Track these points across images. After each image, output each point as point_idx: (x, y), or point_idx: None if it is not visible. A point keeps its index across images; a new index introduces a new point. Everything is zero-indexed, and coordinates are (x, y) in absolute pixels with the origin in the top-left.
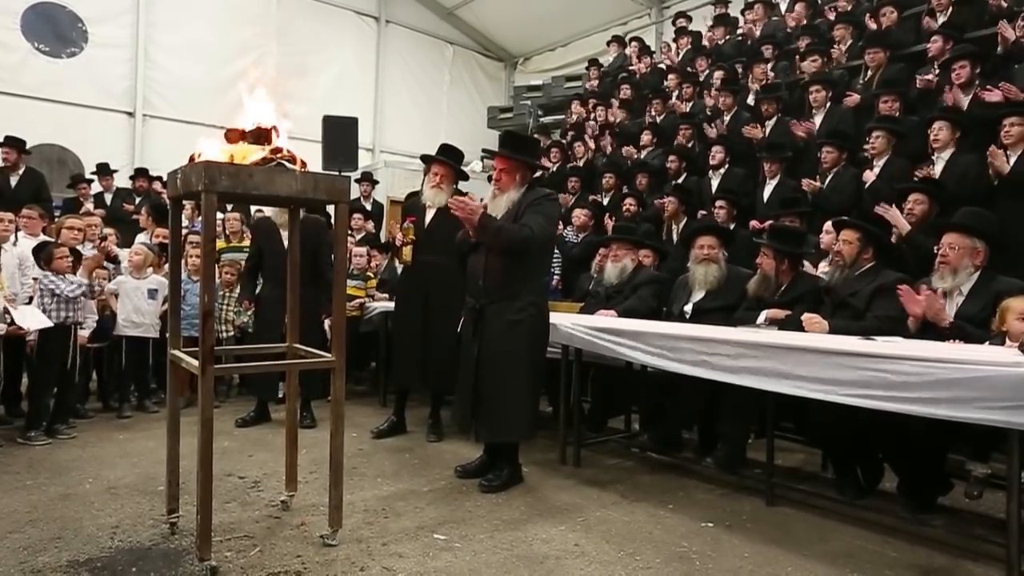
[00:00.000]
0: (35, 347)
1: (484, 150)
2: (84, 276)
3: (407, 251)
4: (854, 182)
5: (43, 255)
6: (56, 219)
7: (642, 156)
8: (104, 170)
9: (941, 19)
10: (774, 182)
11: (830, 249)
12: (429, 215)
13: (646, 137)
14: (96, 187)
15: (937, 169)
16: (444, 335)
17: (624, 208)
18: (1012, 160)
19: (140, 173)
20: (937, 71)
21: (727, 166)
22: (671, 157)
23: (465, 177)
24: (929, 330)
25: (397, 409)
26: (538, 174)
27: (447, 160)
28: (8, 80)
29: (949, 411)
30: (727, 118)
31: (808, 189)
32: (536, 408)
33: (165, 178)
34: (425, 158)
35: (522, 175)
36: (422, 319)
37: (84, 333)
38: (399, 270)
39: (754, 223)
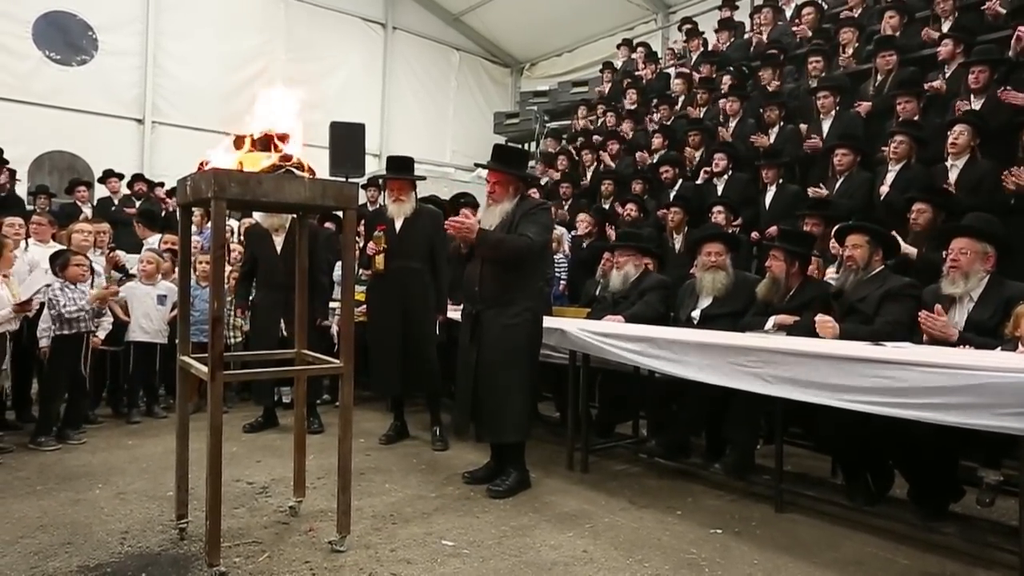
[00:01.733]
0: (47, 353)
1: (477, 164)
2: (92, 301)
3: (380, 260)
4: (866, 186)
5: (59, 261)
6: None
7: (655, 160)
8: (110, 175)
9: (946, 25)
10: (774, 188)
11: (840, 255)
12: (398, 223)
13: (657, 141)
14: (102, 192)
15: (952, 176)
16: (424, 337)
17: (626, 213)
18: None
19: (137, 178)
20: (947, 75)
21: (730, 172)
22: (664, 167)
23: (420, 179)
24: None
25: (397, 414)
26: (536, 194)
27: (401, 175)
28: (19, 88)
29: (959, 418)
30: (732, 124)
31: (815, 196)
32: (533, 408)
33: (174, 184)
34: (376, 179)
35: (515, 187)
36: (401, 324)
37: (100, 335)
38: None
39: (755, 234)
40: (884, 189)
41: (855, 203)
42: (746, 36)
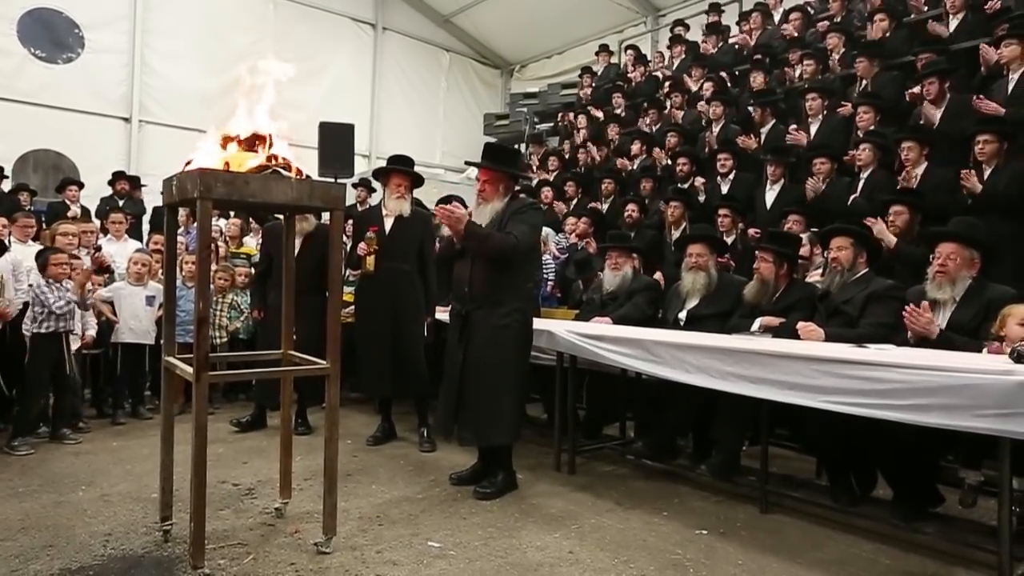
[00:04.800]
0: (27, 355)
1: (467, 162)
2: (75, 290)
3: (370, 261)
4: (847, 191)
5: (39, 261)
6: (47, 225)
7: (635, 166)
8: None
9: (954, 23)
10: (777, 187)
11: (812, 259)
12: (388, 223)
13: (636, 147)
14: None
15: (914, 183)
16: (412, 339)
17: (626, 214)
18: (987, 174)
19: (119, 176)
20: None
21: (735, 172)
22: (681, 160)
23: (421, 182)
24: (921, 340)
25: (385, 416)
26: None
27: (408, 170)
28: (4, 85)
29: (940, 419)
30: (716, 129)
31: (813, 190)
32: (522, 411)
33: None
34: (381, 171)
35: (505, 185)
36: (391, 325)
37: (90, 333)
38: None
39: (752, 231)
40: (853, 196)
41: (838, 207)
42: (733, 40)
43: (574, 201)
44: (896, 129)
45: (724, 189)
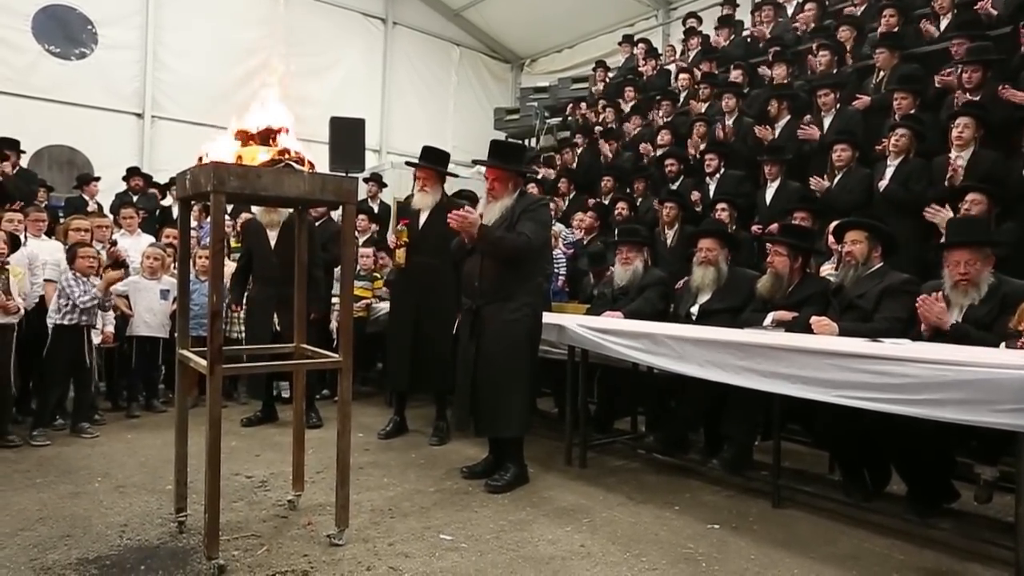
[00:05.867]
0: (47, 347)
1: (474, 160)
2: (101, 287)
3: (400, 253)
4: (865, 182)
5: (69, 254)
6: (62, 220)
7: (658, 155)
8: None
9: (944, 21)
10: (775, 185)
11: (835, 250)
12: (422, 217)
13: (666, 136)
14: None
15: (959, 170)
16: (438, 336)
17: (616, 212)
18: None
19: (134, 172)
20: (958, 71)
21: (722, 171)
22: (668, 160)
23: (450, 174)
24: (936, 334)
25: (398, 410)
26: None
27: (428, 164)
28: (18, 81)
29: (956, 414)
30: (730, 121)
31: (816, 188)
32: (531, 403)
33: (173, 179)
34: (410, 164)
35: (514, 182)
36: (415, 320)
37: (109, 329)
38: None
39: (756, 228)
40: (883, 183)
41: (854, 198)
42: (745, 33)
43: (568, 198)
44: (932, 116)
45: (712, 187)
